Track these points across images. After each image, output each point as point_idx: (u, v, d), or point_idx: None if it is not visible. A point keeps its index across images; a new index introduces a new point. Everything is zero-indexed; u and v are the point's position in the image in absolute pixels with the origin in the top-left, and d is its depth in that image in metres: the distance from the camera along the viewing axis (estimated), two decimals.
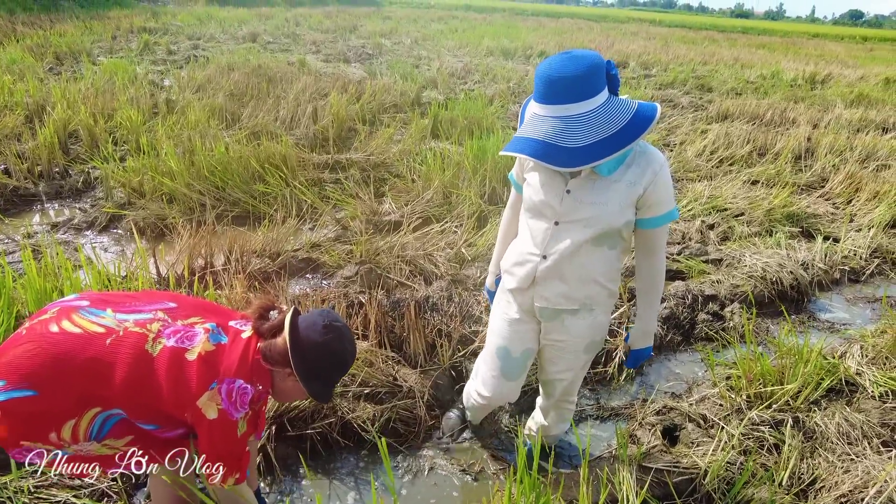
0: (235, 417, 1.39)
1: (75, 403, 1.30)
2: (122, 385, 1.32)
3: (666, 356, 2.92)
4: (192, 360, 1.37)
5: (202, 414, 1.37)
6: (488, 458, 2.22)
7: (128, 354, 1.33)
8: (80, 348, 1.30)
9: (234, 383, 1.39)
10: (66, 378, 1.28)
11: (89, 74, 7.41)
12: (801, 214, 4.62)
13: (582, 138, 1.41)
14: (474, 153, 4.51)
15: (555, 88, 1.42)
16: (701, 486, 2.03)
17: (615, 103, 1.45)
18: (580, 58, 1.41)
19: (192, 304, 1.53)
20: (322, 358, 1.47)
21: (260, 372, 1.46)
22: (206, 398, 1.37)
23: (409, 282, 3.25)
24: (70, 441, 1.33)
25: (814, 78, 12.68)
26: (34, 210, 4.15)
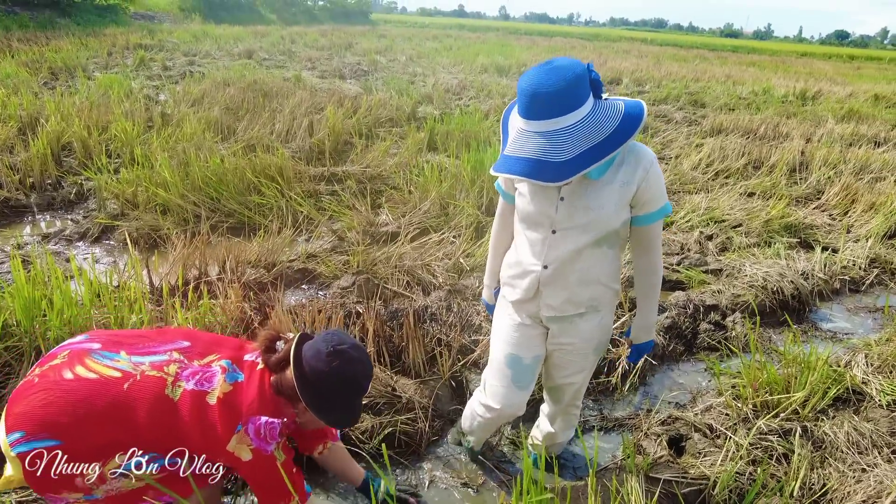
0: (269, 451, 1.37)
1: (99, 450, 1.26)
2: (147, 431, 1.28)
3: (669, 366, 2.87)
4: (213, 403, 1.34)
5: (237, 458, 1.34)
6: (491, 471, 2.15)
7: (147, 400, 1.29)
8: (98, 394, 1.26)
9: (259, 420, 1.36)
10: (88, 424, 1.24)
11: (84, 88, 7.39)
12: (799, 225, 4.61)
13: (570, 150, 1.36)
14: (472, 165, 4.49)
15: (539, 104, 1.36)
16: (710, 496, 1.97)
17: (601, 108, 1.40)
18: (562, 69, 1.35)
19: (206, 341, 1.49)
20: (332, 387, 1.41)
21: (280, 405, 1.42)
22: (236, 442, 1.34)
23: (406, 292, 3.20)
24: (97, 483, 1.28)
25: (804, 94, 12.83)
26: (25, 222, 4.09)
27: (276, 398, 1.41)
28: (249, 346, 1.52)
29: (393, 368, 2.46)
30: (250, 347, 1.52)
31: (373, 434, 2.13)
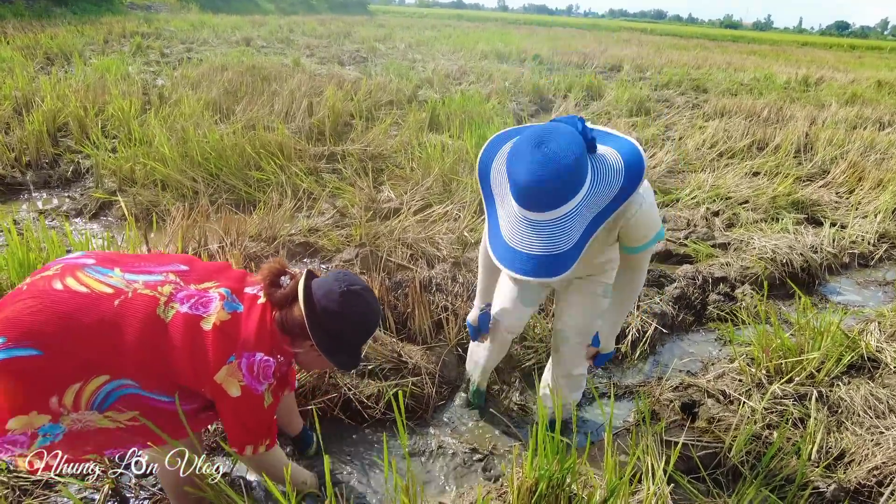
0: (260, 391, 1.31)
1: (82, 367, 1.17)
2: (133, 353, 1.20)
3: (678, 336, 2.81)
4: (207, 329, 1.27)
5: (223, 391, 1.28)
6: (499, 437, 2.10)
7: (138, 319, 1.21)
8: (86, 309, 1.18)
9: (254, 357, 1.29)
10: (73, 338, 1.16)
11: (80, 71, 7.30)
12: (806, 202, 4.55)
13: (577, 232, 1.26)
14: (475, 141, 4.42)
15: (539, 200, 1.23)
16: (726, 459, 1.93)
17: (601, 171, 1.27)
18: (559, 155, 1.19)
19: (206, 268, 1.42)
20: (344, 328, 1.36)
21: (280, 342, 1.36)
22: (225, 373, 1.27)
23: (410, 265, 3.14)
24: (71, 408, 1.18)
25: (807, 81, 12.74)
26: (21, 199, 4.02)
27: (276, 335, 1.35)
28: (251, 279, 1.45)
29: (399, 335, 2.41)
30: (252, 280, 1.45)
31: (378, 398, 2.08)
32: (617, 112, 7.50)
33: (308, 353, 1.41)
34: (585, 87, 9.02)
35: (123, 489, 1.78)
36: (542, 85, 8.84)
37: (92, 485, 1.77)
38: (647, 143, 6.03)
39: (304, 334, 1.34)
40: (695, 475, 1.87)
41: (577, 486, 1.46)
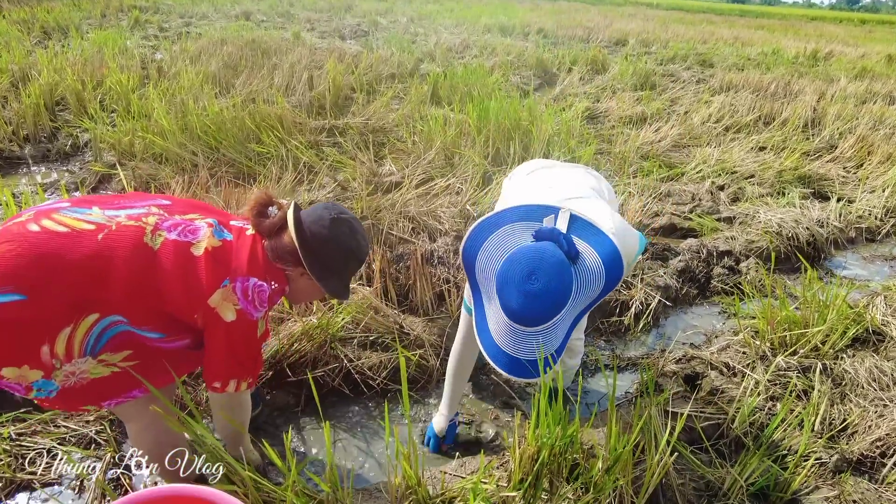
0: (255, 317, 1.30)
1: (70, 308, 1.14)
2: (123, 284, 1.17)
3: (682, 309, 2.79)
4: (198, 255, 1.26)
5: (218, 315, 1.26)
6: (502, 406, 2.09)
7: (125, 249, 1.18)
8: (69, 246, 1.14)
9: (248, 281, 1.29)
10: (58, 279, 1.12)
11: (77, 45, 7.20)
12: (813, 176, 4.49)
13: (559, 338, 1.33)
14: (478, 114, 4.35)
15: (528, 320, 1.30)
16: (729, 430, 1.92)
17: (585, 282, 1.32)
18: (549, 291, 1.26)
19: (188, 203, 1.41)
20: (335, 253, 1.38)
21: (273, 270, 1.36)
22: (220, 297, 1.26)
23: (411, 238, 3.11)
24: (64, 358, 1.16)
25: (815, 55, 12.51)
26: (20, 173, 3.99)
27: (268, 264, 1.35)
28: (234, 216, 1.46)
29: (400, 307, 2.39)
30: (235, 216, 1.46)
31: (380, 370, 2.07)
32: (622, 86, 7.38)
33: (298, 280, 1.42)
34: (590, 62, 8.87)
35: (125, 457, 1.78)
36: (545, 59, 8.69)
37: (94, 453, 1.77)
38: (652, 117, 5.95)
39: (294, 261, 1.35)
40: (698, 446, 1.86)
41: (579, 454, 1.45)
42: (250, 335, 1.31)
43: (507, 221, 1.43)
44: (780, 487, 1.71)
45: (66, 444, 1.77)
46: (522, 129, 4.28)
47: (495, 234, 1.43)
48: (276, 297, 1.37)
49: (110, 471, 1.73)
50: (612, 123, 5.76)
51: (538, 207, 1.45)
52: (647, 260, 2.95)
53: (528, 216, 1.43)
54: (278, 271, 1.38)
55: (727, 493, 1.66)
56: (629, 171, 4.30)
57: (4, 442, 1.73)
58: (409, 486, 1.40)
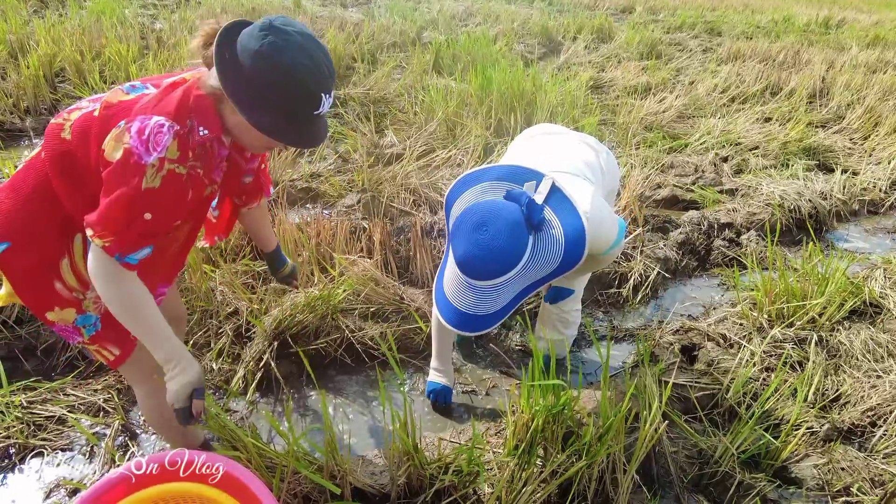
0: (144, 161, 1.03)
1: (53, 237, 1.15)
2: (67, 191, 1.13)
3: (681, 281, 2.81)
4: (98, 115, 1.10)
5: (105, 160, 1.05)
6: (499, 375, 2.13)
7: (53, 154, 1.13)
8: (22, 179, 1.15)
9: (148, 119, 1.05)
10: (24, 214, 1.13)
11: (75, 14, 7.10)
12: (818, 148, 4.45)
13: (501, 302, 1.38)
14: (480, 84, 4.30)
15: (471, 271, 1.35)
16: (723, 400, 1.95)
17: (540, 252, 1.36)
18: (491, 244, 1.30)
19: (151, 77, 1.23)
20: (262, 73, 1.03)
21: (199, 109, 1.09)
22: (111, 137, 1.05)
23: (412, 210, 3.12)
24: (80, 287, 1.19)
25: (827, 22, 12.22)
26: (21, 146, 3.99)
27: (200, 101, 1.10)
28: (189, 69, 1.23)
29: (401, 279, 2.42)
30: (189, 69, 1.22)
31: (382, 340, 2.11)
32: (627, 55, 7.26)
33: (234, 119, 1.12)
34: (596, 30, 8.70)
35: (133, 424, 1.83)
36: (550, 27, 8.53)
37: (103, 420, 1.82)
38: (657, 86, 5.87)
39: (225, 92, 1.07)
40: (692, 415, 1.90)
41: (572, 422, 1.49)
42: (129, 182, 1.04)
43: (489, 178, 1.50)
44: (772, 455, 1.76)
45: (75, 412, 1.82)
46: (525, 99, 4.24)
47: (474, 187, 1.49)
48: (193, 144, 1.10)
49: (118, 437, 1.78)
50: (617, 93, 5.68)
51: (524, 170, 1.50)
52: (647, 232, 2.95)
53: (510, 177, 1.48)
54: (208, 110, 1.11)
55: (718, 461, 1.70)
56: (632, 141, 4.27)
57: (17, 409, 1.78)
58: (407, 452, 1.44)
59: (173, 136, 1.06)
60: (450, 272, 1.44)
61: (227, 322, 2.11)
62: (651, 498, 1.59)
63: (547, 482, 1.43)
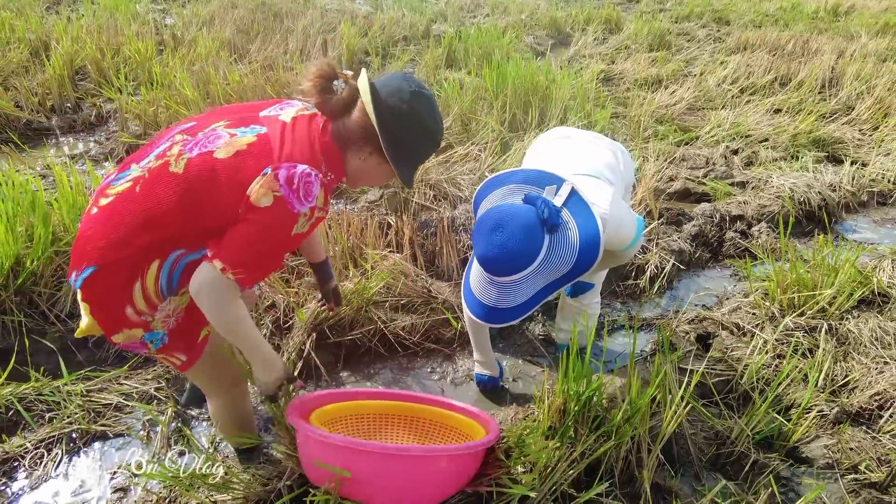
0: (297, 210, 1.16)
1: (133, 264, 1.23)
2: (169, 220, 1.20)
3: (695, 272, 2.91)
4: (226, 157, 1.18)
5: (251, 203, 1.14)
6: (524, 363, 2.25)
7: (158, 189, 1.20)
8: (116, 213, 1.23)
9: (294, 168, 1.16)
10: (113, 242, 1.21)
11: (88, 10, 7.19)
12: (828, 139, 4.51)
13: (522, 297, 1.52)
14: (494, 79, 4.38)
15: (489, 268, 1.49)
16: (737, 386, 2.07)
17: (555, 250, 1.49)
18: (506, 246, 1.44)
19: (214, 113, 1.34)
20: (413, 132, 1.23)
21: (329, 156, 1.23)
22: (258, 184, 1.14)
23: (433, 205, 3.22)
24: (149, 310, 1.27)
25: (836, 9, 12.15)
26: (49, 144, 4.11)
27: (327, 147, 1.22)
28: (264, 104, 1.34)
29: (428, 272, 2.53)
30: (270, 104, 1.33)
31: (412, 331, 2.23)
32: (636, 47, 7.30)
33: (364, 163, 1.27)
34: (604, 20, 8.73)
35: (184, 411, 1.96)
36: (559, 18, 8.57)
37: (156, 407, 1.95)
38: (667, 78, 5.92)
39: (363, 141, 1.23)
40: (709, 399, 2.02)
41: (601, 406, 1.60)
42: (283, 228, 1.16)
43: (513, 181, 1.64)
44: (784, 437, 1.87)
45: (130, 400, 1.95)
46: (539, 93, 4.32)
47: (499, 189, 1.63)
48: (327, 190, 1.23)
49: (171, 423, 1.91)
50: (627, 86, 5.75)
51: (546, 175, 1.62)
52: (661, 224, 3.05)
53: (533, 181, 1.61)
54: (335, 156, 1.24)
55: (734, 442, 1.81)
56: (644, 135, 4.35)
57: (77, 397, 1.91)
58: None
59: (320, 186, 1.19)
60: (475, 269, 1.60)
61: (266, 315, 2.24)
62: (673, 475, 1.71)
63: (577, 462, 1.55)
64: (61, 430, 1.82)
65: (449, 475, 1.39)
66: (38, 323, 2.16)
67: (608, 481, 1.60)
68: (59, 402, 1.89)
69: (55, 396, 1.90)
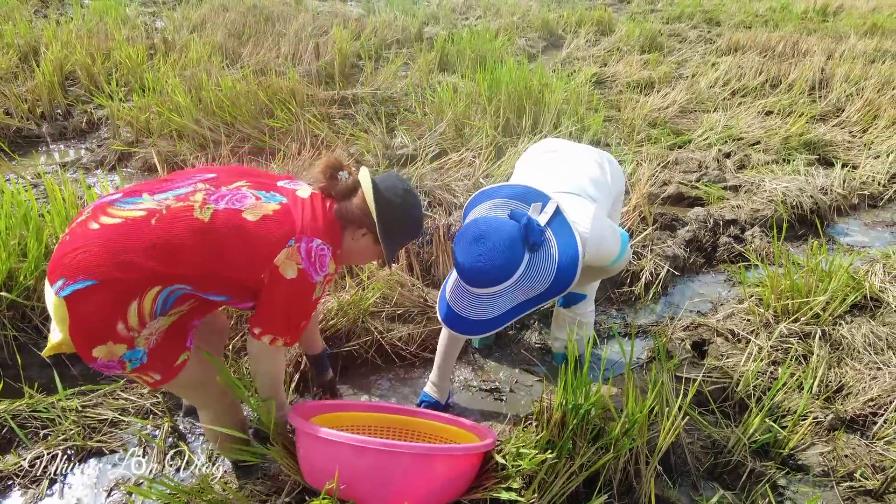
0: (315, 280, 1.38)
1: (136, 286, 1.27)
2: (184, 261, 1.29)
3: (689, 277, 2.93)
4: (254, 220, 1.34)
5: (279, 274, 1.35)
6: (521, 373, 2.25)
7: (179, 228, 1.29)
8: (126, 235, 1.27)
9: (312, 242, 1.38)
10: (121, 263, 1.25)
11: (78, 15, 7.13)
12: (819, 142, 4.55)
13: (496, 311, 1.54)
14: (487, 84, 4.39)
15: (467, 278, 1.52)
16: (733, 393, 2.08)
17: (534, 270, 1.51)
18: (492, 252, 1.47)
19: (234, 171, 1.50)
20: (402, 221, 1.50)
21: (333, 232, 1.45)
22: (285, 256, 1.35)
23: (428, 212, 3.22)
24: (138, 327, 1.30)
25: (825, 10, 12.25)
26: (39, 151, 4.07)
27: (332, 225, 1.44)
28: (280, 177, 1.54)
29: (424, 281, 2.53)
30: (282, 178, 1.54)
31: (409, 341, 2.22)
32: (628, 48, 7.33)
33: (358, 241, 1.50)
34: (596, 22, 8.76)
35: (181, 426, 1.95)
36: (550, 19, 8.59)
37: (152, 422, 1.93)
38: (659, 81, 5.95)
39: (359, 223, 1.46)
40: (705, 407, 2.03)
41: (599, 419, 1.61)
42: (306, 296, 1.39)
43: (501, 195, 1.67)
44: (780, 444, 1.88)
45: (126, 415, 1.94)
46: (533, 97, 4.32)
47: (486, 203, 1.67)
48: (336, 259, 1.45)
49: (168, 438, 1.90)
50: (620, 88, 5.77)
51: (533, 192, 1.64)
52: (655, 230, 3.06)
53: (520, 197, 1.64)
54: (337, 233, 1.46)
55: (731, 450, 1.82)
56: (637, 138, 4.37)
57: (72, 413, 1.89)
58: None
59: (331, 256, 1.42)
60: (453, 277, 1.64)
61: None
62: (671, 486, 1.72)
63: (576, 474, 1.55)
64: (56, 447, 1.80)
65: (447, 478, 1.40)
66: (31, 337, 2.15)
67: (607, 493, 1.61)
68: (54, 419, 1.87)
69: (50, 413, 1.88)
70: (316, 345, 1.93)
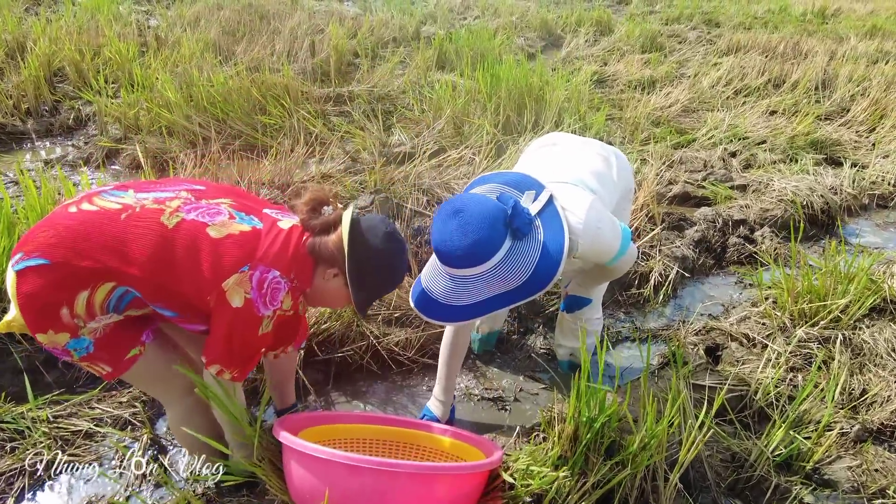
0: (262, 313, 1.27)
1: (88, 275, 1.22)
2: (136, 261, 1.23)
3: (699, 279, 2.81)
4: (217, 237, 1.27)
5: (226, 298, 1.25)
6: (525, 380, 2.13)
7: (141, 228, 1.24)
8: (92, 223, 1.24)
9: (268, 273, 1.27)
10: (78, 248, 1.22)
11: (69, 11, 7.00)
12: (825, 142, 4.45)
13: (472, 297, 1.42)
14: (486, 80, 4.27)
15: (445, 259, 1.40)
16: (752, 402, 1.95)
17: (516, 257, 1.39)
18: (471, 224, 1.35)
19: (224, 188, 1.43)
20: (377, 267, 1.36)
21: (301, 267, 1.33)
22: (234, 281, 1.25)
23: (426, 211, 3.09)
24: (85, 317, 1.25)
25: (823, 12, 12.22)
26: (24, 148, 3.94)
27: (301, 259, 1.32)
28: (269, 205, 1.46)
29: None
30: (269, 206, 1.45)
31: (407, 346, 2.09)
32: (628, 48, 7.23)
33: (328, 282, 1.37)
34: (595, 22, 8.67)
35: (161, 438, 1.82)
36: (549, 19, 8.50)
37: (130, 434, 1.80)
38: (661, 80, 5.85)
39: (330, 262, 1.34)
40: (722, 417, 1.90)
41: (615, 433, 1.48)
42: (250, 329, 1.28)
43: (496, 181, 1.56)
44: (804, 457, 1.76)
45: (102, 426, 1.80)
46: (534, 95, 4.21)
47: (481, 186, 1.57)
48: (295, 296, 1.33)
49: (147, 451, 1.76)
50: (621, 87, 5.67)
51: (529, 180, 1.54)
52: (663, 230, 2.94)
53: (514, 184, 1.53)
54: (307, 269, 1.34)
55: (753, 465, 1.70)
56: (641, 137, 4.26)
57: (43, 424, 1.75)
58: None
59: (287, 292, 1.29)
60: (431, 260, 1.52)
61: None
62: (691, 503, 1.59)
63: (589, 493, 1.42)
64: (25, 462, 1.66)
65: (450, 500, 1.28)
66: (1, 342, 2.01)
67: None
68: (23, 430, 1.73)
69: (18, 423, 1.74)
70: (286, 398, 1.78)
